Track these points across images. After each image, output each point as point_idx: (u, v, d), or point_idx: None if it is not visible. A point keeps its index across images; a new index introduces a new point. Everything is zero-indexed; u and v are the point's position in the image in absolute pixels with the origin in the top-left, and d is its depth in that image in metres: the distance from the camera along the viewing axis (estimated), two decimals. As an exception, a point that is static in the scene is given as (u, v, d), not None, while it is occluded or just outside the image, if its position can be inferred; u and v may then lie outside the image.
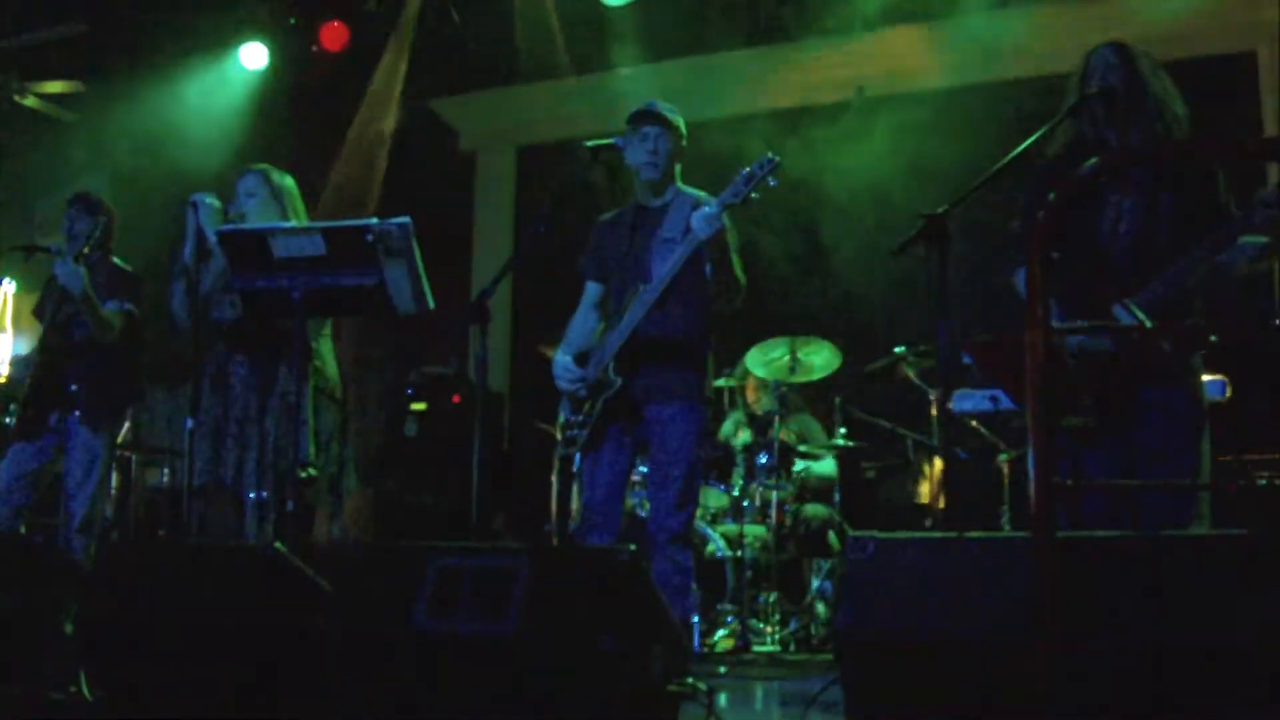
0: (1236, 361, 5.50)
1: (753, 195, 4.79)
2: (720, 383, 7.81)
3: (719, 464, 7.54)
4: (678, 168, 5.24)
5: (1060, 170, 4.29)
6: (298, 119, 10.41)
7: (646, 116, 5.12)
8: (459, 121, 11.03)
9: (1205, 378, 4.47)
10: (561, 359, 5.18)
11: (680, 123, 5.19)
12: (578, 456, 5.21)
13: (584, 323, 5.33)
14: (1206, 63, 8.02)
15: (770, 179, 4.78)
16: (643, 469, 6.60)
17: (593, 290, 5.35)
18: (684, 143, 5.23)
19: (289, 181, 5.78)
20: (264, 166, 5.81)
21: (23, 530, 6.30)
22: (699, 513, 7.14)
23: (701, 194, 5.12)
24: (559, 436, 5.25)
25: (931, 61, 8.96)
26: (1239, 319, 3.05)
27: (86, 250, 6.18)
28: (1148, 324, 4.02)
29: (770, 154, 4.82)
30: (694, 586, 6.03)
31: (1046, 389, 2.63)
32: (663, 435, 4.97)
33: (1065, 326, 4.24)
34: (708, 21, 9.53)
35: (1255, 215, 3.92)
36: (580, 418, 5.07)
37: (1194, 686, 2.70)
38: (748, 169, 4.83)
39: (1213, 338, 4.22)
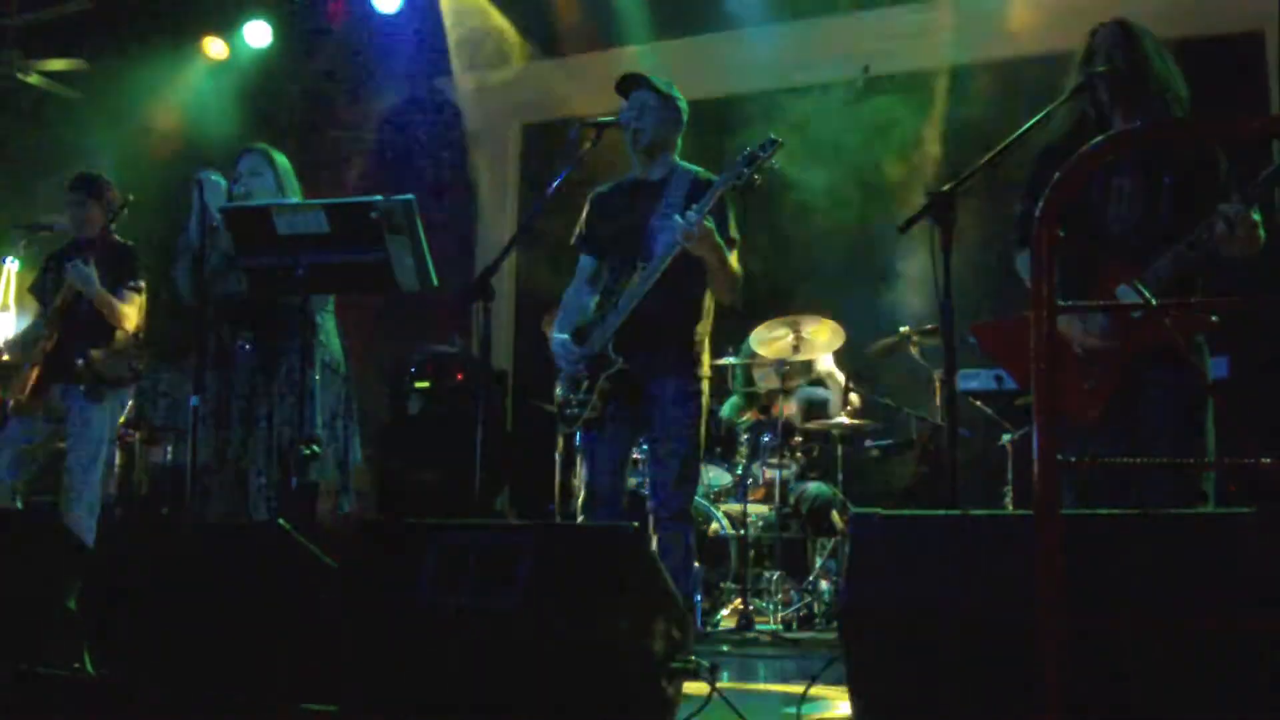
0: (1239, 340, 5.50)
1: (755, 177, 4.77)
2: (725, 361, 7.79)
3: (722, 442, 7.53)
4: (678, 142, 5.21)
5: (1064, 152, 4.28)
6: (302, 96, 10.39)
7: (631, 82, 5.10)
8: (464, 99, 11.00)
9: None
10: (560, 337, 5.14)
11: (673, 92, 5.14)
12: (579, 435, 5.19)
13: (579, 298, 5.27)
14: (1213, 42, 7.99)
15: (772, 161, 4.77)
16: (645, 447, 6.58)
17: (588, 264, 5.29)
18: (682, 115, 5.18)
19: (286, 160, 5.78)
20: (264, 145, 5.80)
21: (25, 505, 6.32)
22: (702, 491, 7.14)
23: (701, 170, 5.09)
24: (558, 416, 5.21)
25: (937, 39, 8.93)
26: (1244, 297, 3.06)
27: (95, 234, 6.20)
28: (1153, 303, 4.02)
29: (772, 135, 4.81)
30: (696, 565, 6.03)
31: (1051, 367, 2.62)
32: (663, 413, 4.94)
33: (1069, 305, 4.23)
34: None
35: (1217, 224, 3.95)
36: (580, 396, 5.04)
37: (1197, 665, 2.70)
38: (748, 150, 4.81)
39: (1214, 317, 4.20)
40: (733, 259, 4.95)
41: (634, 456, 6.53)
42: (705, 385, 5.08)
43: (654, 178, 5.12)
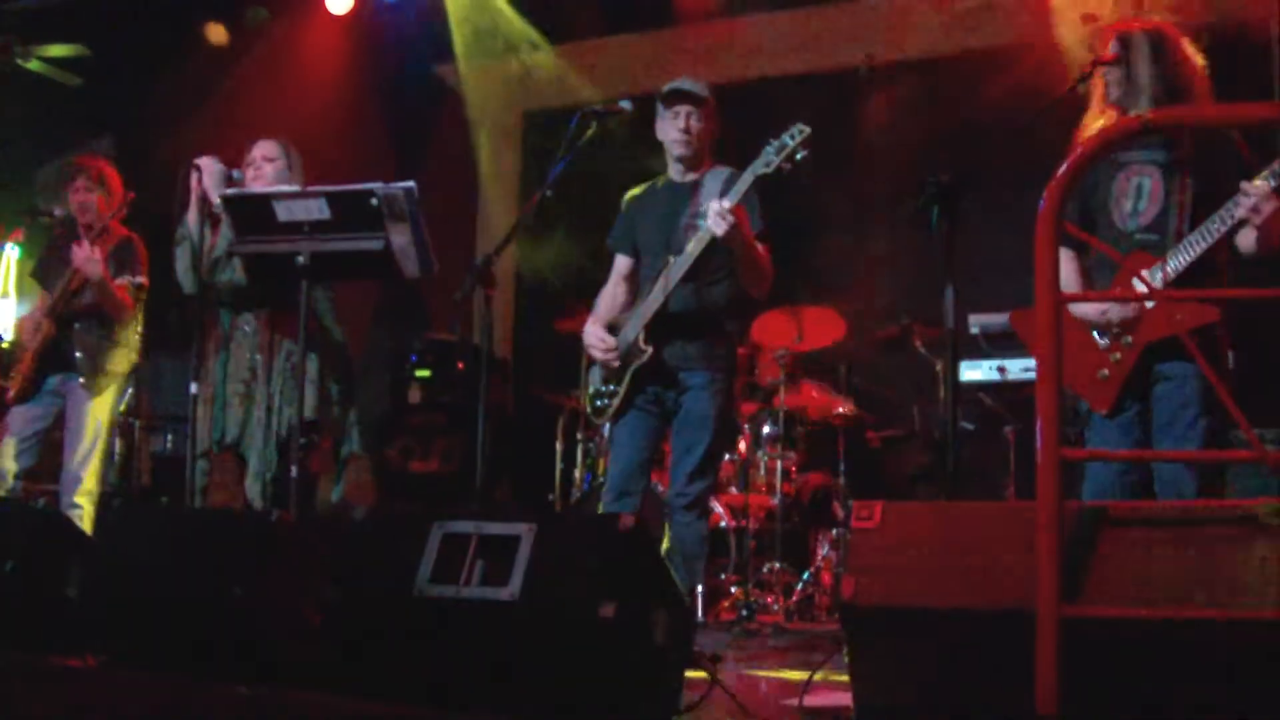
0: (1246, 333, 5.50)
1: (785, 165, 4.78)
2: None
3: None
4: (710, 143, 5.22)
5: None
6: (302, 82, 10.36)
7: (679, 95, 5.10)
8: (464, 86, 10.97)
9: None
10: (593, 329, 5.18)
11: (712, 99, 5.16)
12: (607, 426, 5.21)
13: (613, 295, 5.33)
14: (1220, 32, 7.96)
15: (801, 150, 4.77)
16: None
17: (622, 263, 5.34)
18: (716, 118, 5.20)
19: (297, 153, 5.77)
20: (281, 136, 5.79)
21: (24, 495, 6.30)
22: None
23: (732, 170, 5.09)
24: (589, 408, 5.24)
25: (940, 26, 8.90)
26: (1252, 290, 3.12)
27: (99, 221, 6.17)
28: (1160, 291, 4.03)
29: (801, 125, 4.81)
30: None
31: (1056, 356, 2.61)
32: (690, 404, 4.98)
33: (1078, 295, 4.27)
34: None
35: (1239, 202, 4.02)
36: (610, 388, 5.08)
37: (1200, 659, 2.69)
38: (778, 140, 4.82)
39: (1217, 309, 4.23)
40: (762, 251, 4.97)
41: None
42: (733, 378, 5.12)
43: (689, 179, 5.14)
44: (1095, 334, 4.32)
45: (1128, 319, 4.22)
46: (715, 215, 4.70)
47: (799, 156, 4.78)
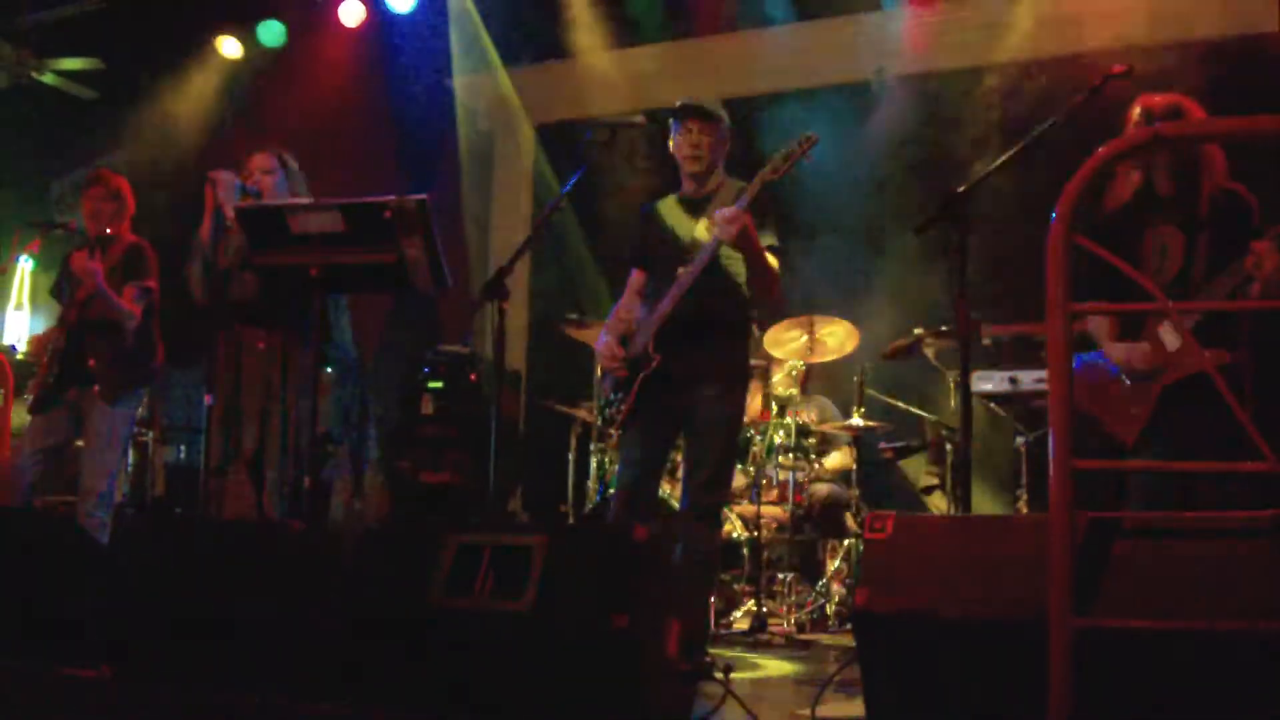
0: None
1: (791, 170, 4.81)
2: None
3: (736, 443, 7.52)
4: (722, 158, 5.25)
5: (1122, 220, 4.61)
6: (316, 95, 10.39)
7: (691, 111, 5.13)
8: (477, 99, 11.00)
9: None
10: (604, 338, 5.19)
11: (724, 116, 5.19)
12: (618, 435, 5.22)
13: (628, 308, 5.33)
14: (1229, 44, 7.96)
15: (806, 156, 4.80)
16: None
17: (636, 277, 5.35)
18: (728, 133, 5.23)
19: (295, 164, 5.79)
20: (276, 149, 5.81)
21: (39, 505, 6.31)
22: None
23: (745, 185, 5.12)
24: (600, 417, 5.24)
25: (952, 41, 8.91)
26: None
27: (110, 232, 6.18)
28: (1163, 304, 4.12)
29: (808, 132, 4.84)
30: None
31: (1067, 366, 2.61)
32: (701, 414, 4.97)
33: (1089, 306, 4.32)
34: (728, -1, 9.50)
35: (1243, 260, 4.24)
36: (620, 396, 5.08)
37: (1210, 669, 2.69)
38: (786, 147, 4.84)
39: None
40: (771, 259, 4.99)
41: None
42: (744, 388, 5.13)
43: (702, 193, 5.17)
44: (1123, 378, 4.56)
45: (1149, 368, 4.49)
46: (723, 220, 4.73)
47: (804, 162, 4.81)
